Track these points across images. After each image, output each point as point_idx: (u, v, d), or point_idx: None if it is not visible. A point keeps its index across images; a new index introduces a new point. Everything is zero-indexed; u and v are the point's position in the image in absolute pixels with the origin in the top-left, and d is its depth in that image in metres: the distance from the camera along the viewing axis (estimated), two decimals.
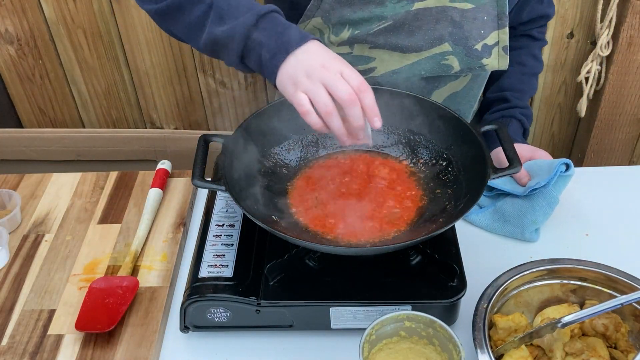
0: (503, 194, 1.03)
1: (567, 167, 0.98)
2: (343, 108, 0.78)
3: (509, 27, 1.19)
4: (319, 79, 0.78)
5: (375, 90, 0.98)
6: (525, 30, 1.22)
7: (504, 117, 1.17)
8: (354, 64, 1.03)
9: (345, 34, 1.02)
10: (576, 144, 1.94)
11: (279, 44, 0.82)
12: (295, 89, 0.80)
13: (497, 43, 1.04)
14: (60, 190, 1.11)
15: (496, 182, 1.02)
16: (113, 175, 1.14)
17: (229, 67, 1.75)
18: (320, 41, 0.84)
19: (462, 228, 0.99)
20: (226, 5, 0.86)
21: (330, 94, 0.78)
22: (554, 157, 1.04)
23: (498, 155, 1.06)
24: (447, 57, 1.04)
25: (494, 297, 0.80)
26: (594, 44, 1.71)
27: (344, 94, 0.77)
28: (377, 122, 0.80)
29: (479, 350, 0.74)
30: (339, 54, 0.84)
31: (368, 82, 0.80)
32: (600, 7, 1.61)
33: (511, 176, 1.03)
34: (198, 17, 0.88)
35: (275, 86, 0.84)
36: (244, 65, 0.88)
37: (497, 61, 1.05)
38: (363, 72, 1.05)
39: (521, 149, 1.03)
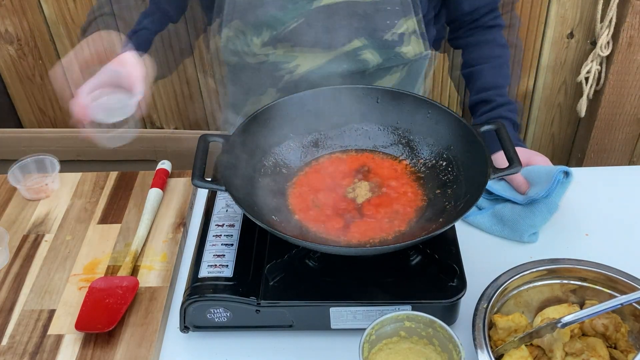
0: (503, 199, 1.02)
1: (566, 174, 0.97)
2: None
3: (455, 22, 1.19)
4: None
5: (377, 90, 0.97)
6: (475, 21, 1.18)
7: (493, 119, 1.15)
8: (279, 63, 1.06)
9: (265, 34, 1.05)
10: (576, 144, 1.94)
11: None
12: None
13: (408, 30, 1.05)
14: (60, 190, 1.11)
15: (496, 188, 1.02)
16: (113, 175, 1.14)
17: None
18: None
19: (462, 228, 0.99)
20: None
21: None
22: (554, 157, 1.04)
23: (497, 162, 1.04)
24: (362, 52, 1.06)
25: (494, 297, 0.80)
26: (594, 44, 1.71)
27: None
28: None
29: (479, 350, 0.74)
30: (263, 54, 0.85)
31: (292, 82, 0.80)
32: (600, 7, 1.61)
33: (510, 184, 1.03)
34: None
35: None
36: None
37: (412, 48, 1.07)
38: (288, 71, 1.07)
39: (518, 153, 1.02)
